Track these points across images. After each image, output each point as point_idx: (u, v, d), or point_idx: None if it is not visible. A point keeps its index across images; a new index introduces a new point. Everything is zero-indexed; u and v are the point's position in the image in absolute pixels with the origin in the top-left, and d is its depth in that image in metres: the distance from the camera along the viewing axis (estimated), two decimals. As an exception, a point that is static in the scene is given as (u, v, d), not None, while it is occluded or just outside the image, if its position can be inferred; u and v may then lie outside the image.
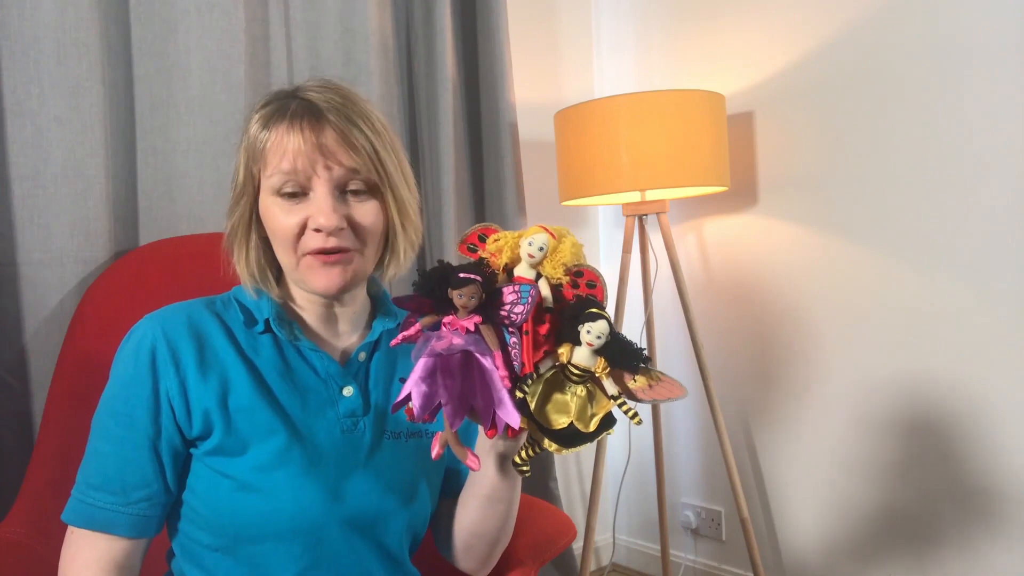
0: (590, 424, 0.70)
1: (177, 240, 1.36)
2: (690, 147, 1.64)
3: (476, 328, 0.68)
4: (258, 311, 0.87)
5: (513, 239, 0.72)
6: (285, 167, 0.79)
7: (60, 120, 1.28)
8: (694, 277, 2.05)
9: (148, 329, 0.84)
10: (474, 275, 0.67)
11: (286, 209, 0.81)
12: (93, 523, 0.81)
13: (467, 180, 1.92)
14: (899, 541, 1.72)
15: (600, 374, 0.70)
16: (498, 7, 1.87)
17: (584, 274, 0.72)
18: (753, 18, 1.90)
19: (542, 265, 0.71)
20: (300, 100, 0.82)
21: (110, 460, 0.82)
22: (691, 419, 2.12)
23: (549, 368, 0.70)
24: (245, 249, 0.86)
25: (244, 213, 0.85)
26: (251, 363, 0.85)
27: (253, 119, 0.84)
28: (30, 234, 1.27)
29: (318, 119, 0.80)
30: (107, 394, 0.84)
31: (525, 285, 0.69)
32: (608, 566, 2.29)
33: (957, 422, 1.61)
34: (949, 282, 1.60)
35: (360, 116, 0.81)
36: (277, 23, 1.59)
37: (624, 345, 0.69)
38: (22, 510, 1.08)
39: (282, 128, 0.80)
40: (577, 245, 0.72)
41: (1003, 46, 1.49)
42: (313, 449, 0.84)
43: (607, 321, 0.68)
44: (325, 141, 0.79)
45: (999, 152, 1.51)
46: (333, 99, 0.81)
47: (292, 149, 0.79)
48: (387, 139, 0.84)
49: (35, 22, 1.26)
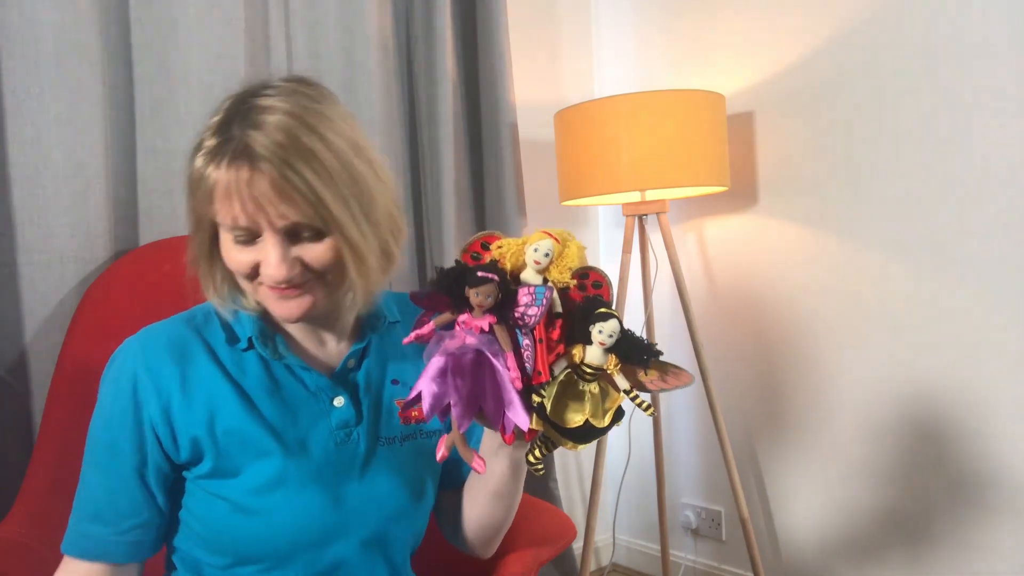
0: (604, 419, 0.71)
1: (177, 240, 1.35)
2: (690, 147, 1.64)
3: (490, 328, 0.68)
4: (240, 328, 0.85)
5: (517, 246, 0.72)
6: (229, 221, 0.75)
7: (60, 120, 1.28)
8: (694, 277, 2.05)
9: (128, 357, 0.83)
10: (492, 274, 0.67)
11: (239, 249, 0.78)
12: (88, 554, 0.82)
13: (467, 180, 1.92)
14: (899, 541, 1.71)
15: (612, 371, 0.71)
16: (498, 7, 1.87)
17: (590, 275, 0.72)
18: (753, 18, 1.90)
19: (548, 271, 0.71)
20: (239, 139, 0.73)
21: (99, 490, 0.83)
22: (691, 419, 2.12)
23: (563, 369, 0.71)
24: (210, 275, 0.84)
25: (204, 242, 0.81)
26: (236, 383, 0.83)
27: (201, 148, 0.77)
28: (30, 234, 1.26)
29: (253, 165, 0.72)
30: (94, 421, 0.85)
31: (540, 287, 0.69)
32: (608, 566, 2.29)
33: (957, 423, 1.60)
34: (949, 282, 1.60)
35: (303, 156, 0.73)
36: (277, 23, 1.59)
37: (635, 341, 0.70)
38: (22, 510, 1.08)
39: (222, 171, 0.74)
40: (582, 248, 0.73)
41: (1003, 46, 1.49)
42: (308, 466, 0.83)
43: (618, 320, 0.69)
44: (263, 190, 0.72)
45: (999, 152, 1.51)
46: (276, 136, 0.72)
47: (235, 198, 0.73)
48: (338, 175, 0.74)
49: (35, 22, 1.26)
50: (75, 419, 1.13)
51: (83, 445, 0.84)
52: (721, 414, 1.79)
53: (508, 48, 1.89)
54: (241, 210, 0.74)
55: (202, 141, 0.77)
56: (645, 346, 0.70)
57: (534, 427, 0.70)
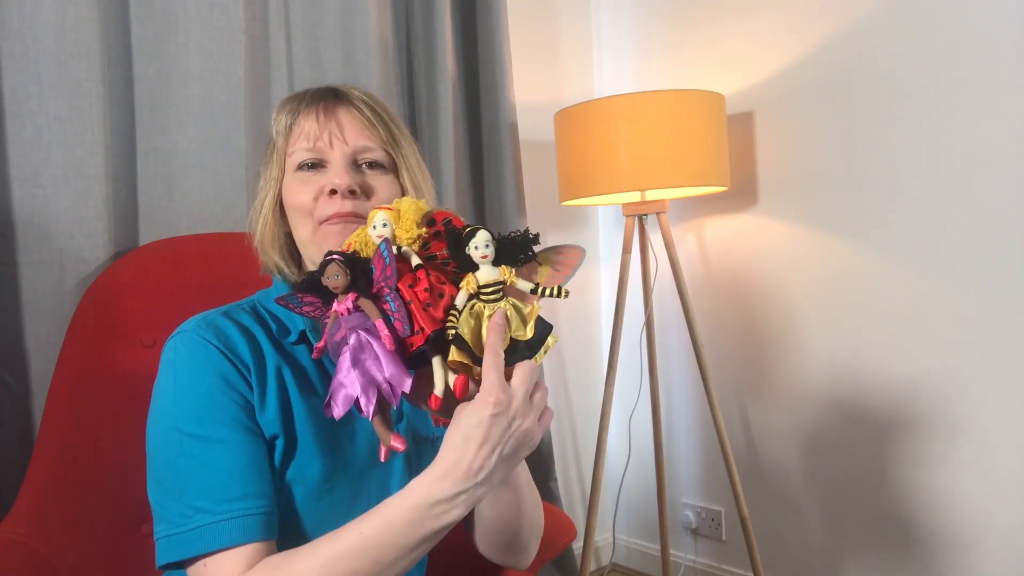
0: (527, 329, 0.70)
1: (177, 240, 1.36)
2: (690, 147, 1.64)
3: (355, 306, 0.68)
4: (291, 321, 0.85)
5: (359, 234, 0.72)
6: (304, 143, 0.84)
7: (60, 120, 1.28)
8: (694, 277, 2.05)
9: (196, 337, 0.79)
10: (333, 255, 0.68)
11: (304, 180, 0.84)
12: (248, 535, 0.73)
13: (467, 180, 1.92)
14: (899, 541, 1.71)
15: (509, 279, 0.70)
16: (498, 7, 1.87)
17: (436, 218, 0.73)
18: (753, 18, 1.90)
19: (396, 237, 0.71)
20: (322, 89, 0.88)
21: (218, 468, 0.75)
22: (691, 419, 2.12)
23: (465, 302, 0.69)
24: (270, 231, 0.87)
25: (269, 196, 0.87)
26: (299, 366, 0.83)
27: (276, 111, 0.88)
28: (30, 234, 1.26)
29: (337, 99, 0.86)
30: (164, 408, 0.78)
31: (381, 244, 0.68)
32: (608, 566, 2.29)
33: (958, 423, 1.60)
34: (949, 282, 1.60)
35: (379, 105, 0.87)
36: (277, 23, 1.59)
37: (511, 243, 0.70)
38: (22, 510, 1.08)
39: (303, 111, 0.85)
40: (417, 202, 0.73)
41: (1003, 46, 1.49)
42: (356, 475, 0.83)
43: (485, 230, 0.69)
44: (342, 118, 0.84)
45: (999, 152, 1.51)
46: (354, 89, 0.88)
47: (311, 127, 0.84)
48: (404, 131, 0.89)
49: (35, 22, 1.26)
50: (75, 419, 1.14)
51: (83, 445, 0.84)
52: (721, 414, 1.79)
53: (508, 48, 1.89)
54: (317, 133, 0.83)
55: (276, 114, 0.88)
56: (521, 241, 0.70)
57: (455, 359, 0.67)
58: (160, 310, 1.20)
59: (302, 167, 0.84)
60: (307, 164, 0.84)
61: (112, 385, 1.16)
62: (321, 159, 0.84)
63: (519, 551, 0.95)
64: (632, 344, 2.07)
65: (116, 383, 1.16)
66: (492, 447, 0.68)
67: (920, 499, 1.68)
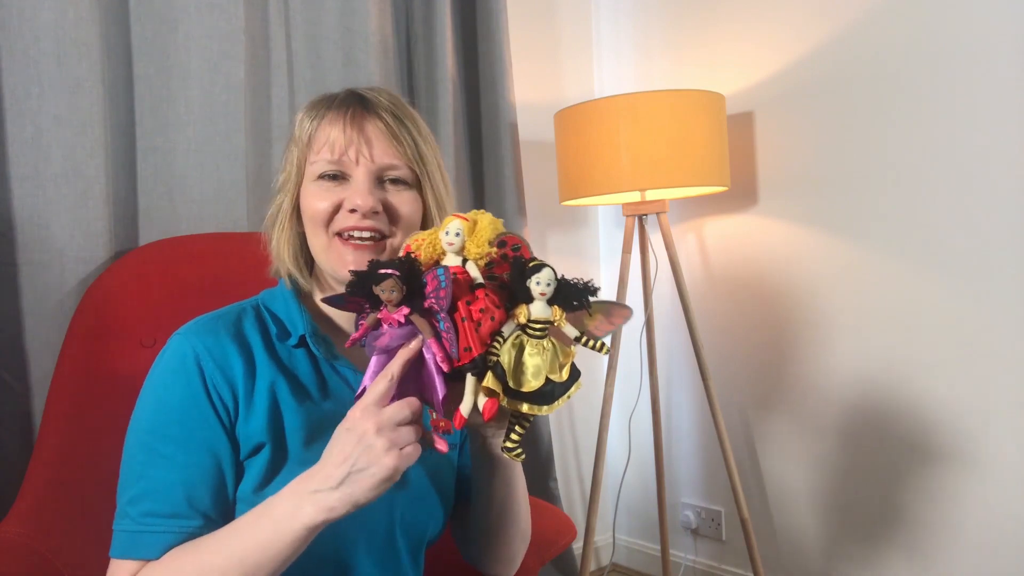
0: (562, 373, 0.71)
1: (177, 240, 1.35)
2: (690, 147, 1.64)
3: (407, 320, 0.69)
4: (292, 324, 0.85)
5: (430, 235, 0.73)
6: (328, 154, 0.82)
7: (60, 120, 1.28)
8: (694, 277, 2.05)
9: (186, 344, 0.80)
10: (391, 270, 0.68)
11: (325, 189, 0.83)
12: (158, 552, 0.75)
13: (467, 180, 1.92)
14: (900, 540, 1.71)
15: (559, 321, 0.71)
16: (498, 7, 1.87)
17: (507, 241, 0.73)
18: (753, 18, 1.90)
19: (466, 249, 0.71)
20: (348, 93, 0.86)
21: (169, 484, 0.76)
22: (691, 419, 2.12)
23: (512, 331, 0.71)
24: (285, 235, 0.87)
25: (286, 201, 0.87)
26: (294, 375, 0.83)
27: (300, 114, 0.87)
28: (30, 234, 1.26)
29: (365, 109, 0.83)
30: (145, 415, 0.80)
31: (439, 268, 0.69)
32: (608, 566, 2.29)
33: (958, 423, 1.60)
34: (949, 281, 1.60)
35: (406, 115, 0.85)
36: (277, 23, 1.59)
37: (572, 287, 0.71)
38: (22, 510, 1.08)
39: (328, 117, 0.84)
40: (495, 221, 0.73)
41: (1002, 46, 1.49)
42: None
43: (551, 268, 0.70)
44: (369, 132, 0.82)
45: (999, 152, 1.51)
46: (380, 97, 0.85)
47: (336, 137, 0.82)
48: (430, 140, 0.87)
49: (35, 22, 1.26)
50: (75, 419, 1.14)
51: (83, 445, 0.84)
52: (721, 414, 1.79)
53: (508, 48, 1.89)
54: (342, 146, 0.81)
55: (299, 116, 0.87)
56: (582, 288, 0.71)
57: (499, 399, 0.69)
58: (160, 310, 1.20)
59: (323, 177, 0.83)
60: (329, 175, 0.83)
61: (112, 385, 1.16)
62: (344, 172, 0.83)
63: (507, 561, 0.97)
64: (632, 344, 2.07)
65: (116, 383, 1.16)
66: (344, 456, 0.68)
67: (920, 498, 1.68)
